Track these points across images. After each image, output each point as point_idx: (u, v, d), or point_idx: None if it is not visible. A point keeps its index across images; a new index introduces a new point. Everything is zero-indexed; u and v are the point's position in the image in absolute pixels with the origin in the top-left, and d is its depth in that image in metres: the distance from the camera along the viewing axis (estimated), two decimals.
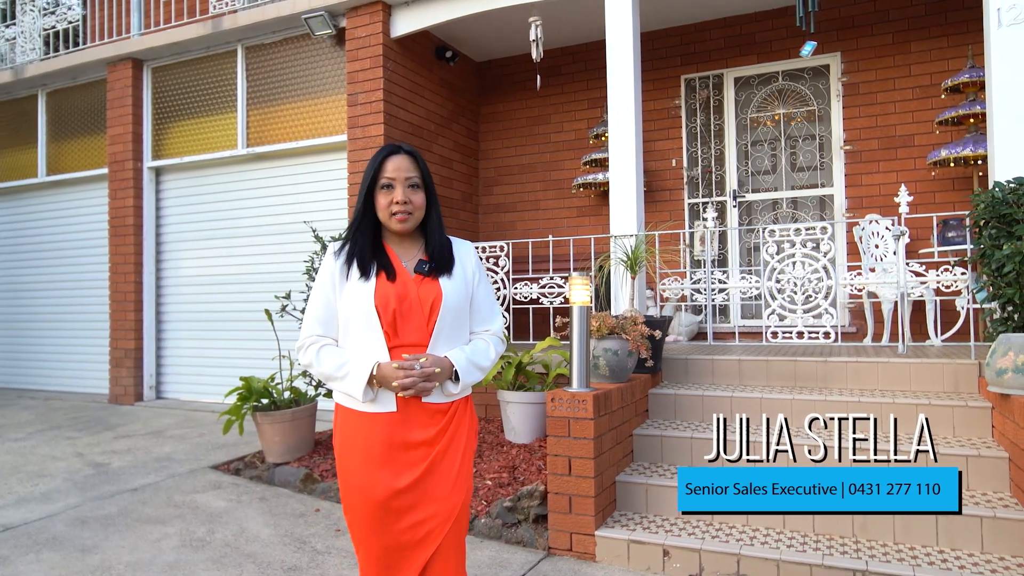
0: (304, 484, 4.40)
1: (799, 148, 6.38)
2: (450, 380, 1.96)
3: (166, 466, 4.88)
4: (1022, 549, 3.04)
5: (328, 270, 2.01)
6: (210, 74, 7.52)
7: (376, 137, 6.17)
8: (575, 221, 7.15)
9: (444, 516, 1.94)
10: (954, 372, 3.99)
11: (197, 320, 7.64)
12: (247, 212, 7.31)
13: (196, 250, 7.67)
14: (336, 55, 6.72)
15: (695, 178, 6.76)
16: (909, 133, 5.84)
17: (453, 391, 1.98)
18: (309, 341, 1.99)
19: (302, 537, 3.61)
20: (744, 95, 6.59)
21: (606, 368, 3.99)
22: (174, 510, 3.98)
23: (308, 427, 4.82)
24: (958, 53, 5.65)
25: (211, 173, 7.59)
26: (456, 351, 1.98)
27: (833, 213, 6.15)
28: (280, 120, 7.07)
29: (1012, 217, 3.46)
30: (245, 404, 4.64)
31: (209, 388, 7.48)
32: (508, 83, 7.62)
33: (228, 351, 7.36)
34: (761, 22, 6.36)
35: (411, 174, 2.00)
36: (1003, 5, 4.08)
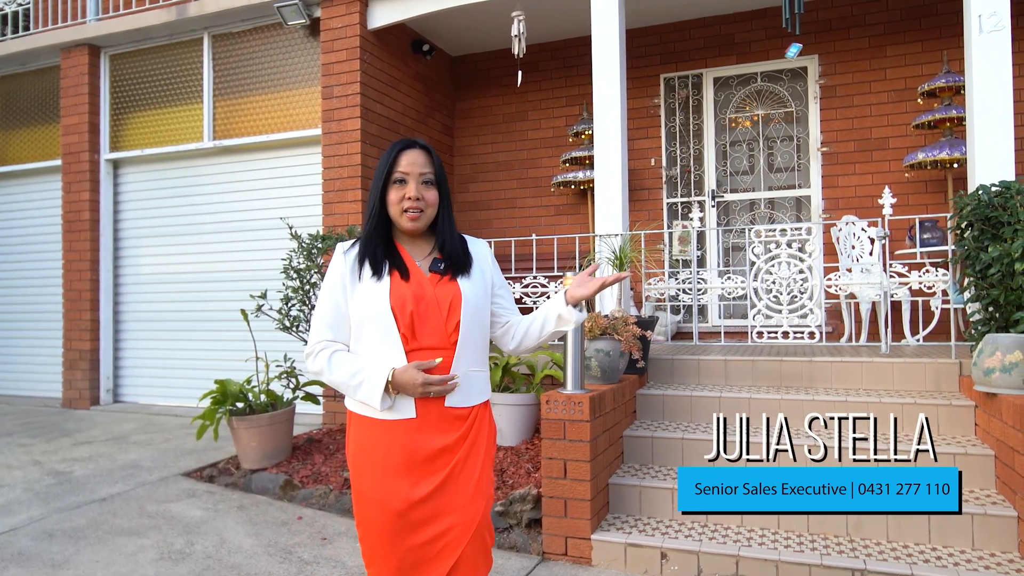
0: (284, 491, 4.24)
1: (777, 149, 6.44)
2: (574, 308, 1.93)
3: (134, 474, 4.65)
4: (1011, 545, 3.10)
5: (337, 270, 1.90)
6: (174, 63, 7.22)
7: (353, 131, 6.00)
8: (552, 220, 7.10)
9: (464, 527, 1.85)
10: (936, 371, 4.06)
11: (159, 320, 7.33)
12: (215, 208, 7.04)
13: (158, 247, 7.35)
14: (310, 46, 6.52)
15: (674, 178, 6.78)
16: (884, 136, 5.96)
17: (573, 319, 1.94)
18: (319, 347, 1.87)
19: (287, 547, 3.47)
20: (723, 95, 6.63)
21: (598, 369, 3.94)
22: (148, 520, 3.78)
23: (286, 432, 4.65)
24: (932, 58, 5.78)
25: (175, 166, 7.28)
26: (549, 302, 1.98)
27: (810, 214, 6.24)
28: (250, 112, 6.82)
29: (997, 220, 3.52)
30: (220, 408, 4.44)
31: (172, 391, 7.19)
32: (484, 78, 7.52)
33: (193, 352, 7.08)
34: (740, 23, 6.41)
35: (425, 170, 1.90)
36: (984, 12, 4.17)
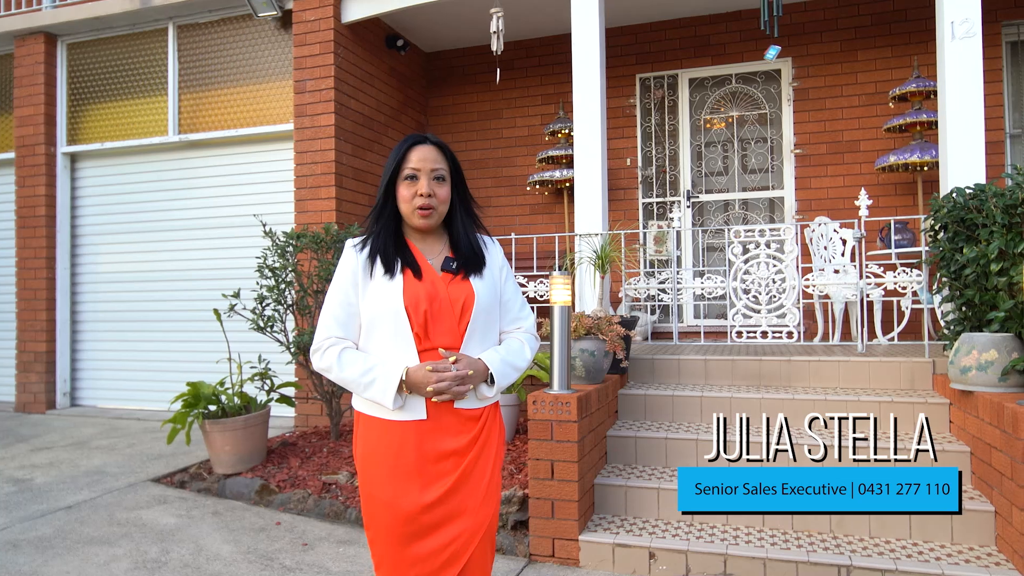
0: (260, 496, 4.11)
1: (751, 150, 6.53)
2: (485, 383, 1.84)
3: (100, 480, 4.46)
4: (989, 539, 3.18)
5: (349, 267, 1.85)
6: (137, 54, 6.97)
7: (327, 127, 5.88)
8: (528, 219, 7.07)
9: (473, 531, 1.83)
10: (910, 370, 4.15)
11: (121, 320, 7.07)
12: (182, 204, 6.82)
13: (120, 244, 7.09)
14: (281, 39, 6.36)
15: (649, 178, 6.81)
16: (855, 139, 6.08)
17: (488, 395, 1.86)
18: (328, 343, 1.82)
19: (267, 553, 3.36)
20: (698, 96, 6.68)
21: (582, 369, 3.92)
22: (119, 529, 3.62)
23: (261, 435, 4.52)
24: (902, 63, 5.92)
25: (138, 161, 7.03)
26: (490, 352, 1.87)
27: (783, 215, 6.34)
28: (218, 106, 6.62)
29: (972, 221, 3.61)
30: (192, 411, 4.29)
31: (135, 394, 6.95)
32: (458, 75, 7.45)
33: (159, 354, 6.85)
34: (715, 24, 6.47)
35: (437, 166, 1.85)
36: (956, 19, 4.27)
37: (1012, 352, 3.31)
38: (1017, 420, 2.88)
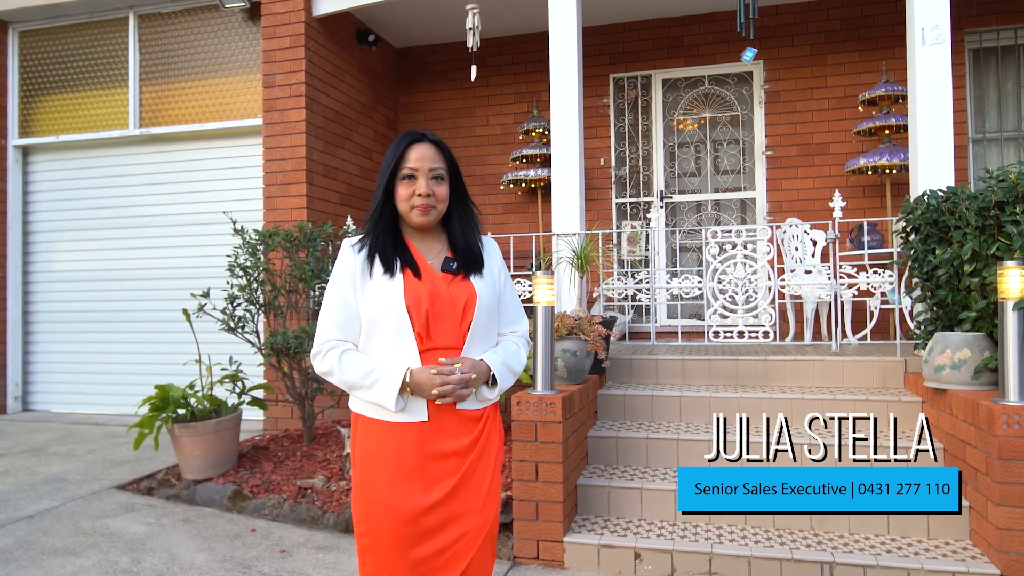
0: (233, 502, 3.98)
1: (723, 152, 6.60)
2: (486, 385, 1.83)
3: (61, 488, 4.27)
4: (963, 534, 3.26)
5: (347, 267, 1.81)
6: (95, 43, 6.71)
7: (297, 123, 5.73)
8: (501, 218, 7.02)
9: (475, 533, 1.80)
10: (882, 369, 4.24)
11: (78, 321, 6.79)
12: (144, 200, 6.58)
13: (77, 241, 6.82)
14: (249, 31, 6.19)
15: (623, 178, 6.83)
16: (825, 141, 6.20)
17: (489, 397, 1.84)
18: (328, 346, 1.79)
19: (244, 561, 3.25)
20: (671, 97, 6.73)
21: (564, 370, 3.90)
22: (85, 538, 3.46)
23: (233, 439, 4.38)
24: (870, 68, 6.05)
25: (96, 155, 6.77)
26: (490, 354, 1.85)
27: (755, 216, 6.42)
28: (182, 99, 6.41)
29: (946, 224, 3.69)
30: (160, 415, 4.13)
31: (93, 398, 6.69)
32: (429, 72, 7.36)
33: (119, 356, 6.60)
34: (688, 26, 6.52)
35: (435, 165, 1.82)
36: (927, 25, 4.37)
37: (984, 351, 3.40)
38: (993, 417, 2.96)
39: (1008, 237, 3.31)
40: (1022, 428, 2.92)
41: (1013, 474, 2.91)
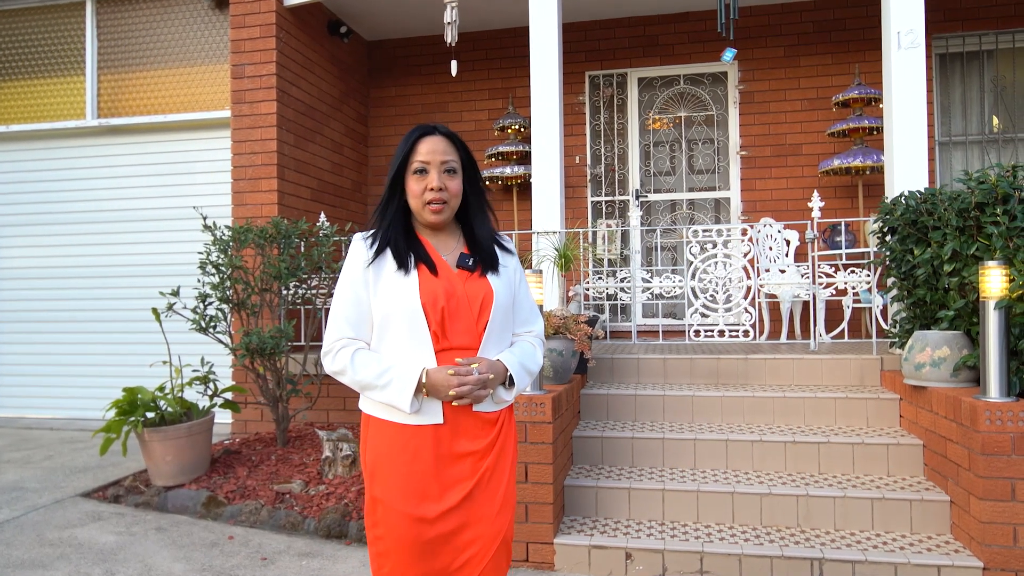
0: (207, 509, 3.83)
1: (698, 151, 6.64)
2: (502, 386, 1.77)
3: (20, 497, 4.04)
4: (945, 527, 3.32)
5: (359, 264, 1.73)
6: (49, 29, 6.40)
7: (268, 115, 5.56)
8: None
9: (489, 539, 1.74)
10: (859, 367, 4.32)
11: (29, 321, 6.47)
12: (105, 195, 6.30)
13: (30, 237, 6.49)
14: (216, 19, 5.98)
15: (598, 176, 6.82)
16: (798, 142, 6.29)
17: (506, 398, 1.78)
18: (339, 345, 1.71)
19: (225, 570, 3.12)
20: (647, 96, 6.74)
21: (550, 369, 3.86)
22: (52, 550, 3.27)
23: (205, 443, 4.21)
24: (842, 71, 6.17)
25: (51, 146, 6.45)
26: (506, 354, 1.79)
27: (729, 215, 6.48)
28: (144, 89, 6.16)
29: (924, 224, 3.76)
30: (129, 418, 3.94)
31: (48, 401, 6.39)
32: (401, 66, 7.23)
33: (75, 357, 6.31)
34: (664, 25, 6.54)
35: (448, 158, 1.75)
36: (902, 29, 4.45)
37: (962, 349, 3.47)
38: (976, 414, 3.02)
39: (988, 238, 3.38)
40: (1004, 424, 2.98)
41: (996, 469, 2.97)
